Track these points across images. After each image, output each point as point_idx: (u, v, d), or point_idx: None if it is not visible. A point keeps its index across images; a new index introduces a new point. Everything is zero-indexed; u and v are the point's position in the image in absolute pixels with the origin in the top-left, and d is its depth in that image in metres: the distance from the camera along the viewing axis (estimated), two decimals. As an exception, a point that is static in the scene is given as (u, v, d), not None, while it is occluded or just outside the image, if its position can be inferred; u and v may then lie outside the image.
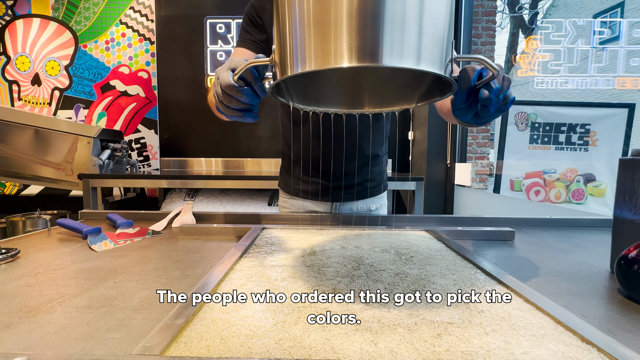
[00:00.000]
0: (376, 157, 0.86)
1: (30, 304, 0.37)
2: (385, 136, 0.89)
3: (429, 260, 0.49)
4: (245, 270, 0.44)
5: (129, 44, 2.41)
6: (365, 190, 0.87)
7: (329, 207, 0.88)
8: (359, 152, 0.82)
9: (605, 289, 0.43)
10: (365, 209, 0.88)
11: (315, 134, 0.80)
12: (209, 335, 0.27)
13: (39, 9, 2.41)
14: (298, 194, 0.89)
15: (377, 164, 0.88)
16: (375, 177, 0.88)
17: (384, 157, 0.90)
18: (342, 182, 0.85)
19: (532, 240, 0.69)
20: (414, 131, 2.42)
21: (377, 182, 0.89)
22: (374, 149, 0.85)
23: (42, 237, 0.69)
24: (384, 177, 0.91)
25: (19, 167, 1.95)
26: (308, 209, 0.89)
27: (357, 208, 0.88)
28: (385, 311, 0.33)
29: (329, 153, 0.80)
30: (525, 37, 5.22)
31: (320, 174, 0.85)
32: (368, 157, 0.85)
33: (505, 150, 2.20)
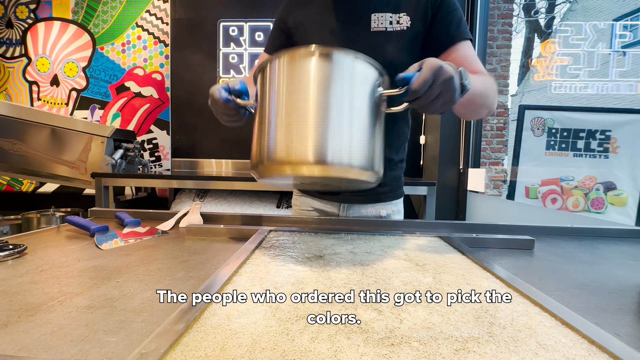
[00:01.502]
0: (389, 161, 0.82)
1: (31, 302, 0.36)
2: (402, 141, 0.84)
3: (443, 268, 0.46)
4: (250, 273, 0.42)
5: (144, 46, 2.45)
6: (376, 195, 0.84)
7: (337, 208, 0.85)
8: None
9: (639, 305, 0.40)
10: (375, 214, 0.84)
11: None
12: (208, 344, 0.26)
13: (60, 12, 2.48)
14: (307, 191, 0.88)
15: (391, 169, 0.83)
16: (389, 182, 0.83)
17: (400, 164, 0.85)
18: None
19: (553, 250, 0.65)
20: (425, 135, 2.38)
21: (390, 188, 0.84)
22: (387, 152, 0.82)
23: (51, 234, 0.69)
24: (399, 183, 0.86)
25: (35, 165, 1.99)
26: (317, 208, 0.88)
27: (367, 212, 0.84)
28: (398, 322, 0.30)
29: None
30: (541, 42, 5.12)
31: None
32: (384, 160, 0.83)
33: (520, 156, 2.14)
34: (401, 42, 0.68)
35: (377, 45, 0.69)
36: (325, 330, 0.28)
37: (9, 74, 2.52)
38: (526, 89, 4.05)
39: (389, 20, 0.68)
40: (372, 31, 0.69)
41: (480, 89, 0.58)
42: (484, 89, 0.60)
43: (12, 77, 2.52)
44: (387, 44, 0.68)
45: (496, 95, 0.66)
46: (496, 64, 2.04)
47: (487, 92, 0.61)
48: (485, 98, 0.62)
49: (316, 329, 0.29)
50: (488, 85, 0.62)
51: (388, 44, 0.68)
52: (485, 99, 0.62)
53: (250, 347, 0.25)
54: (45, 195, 2.55)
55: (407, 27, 0.68)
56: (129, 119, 2.48)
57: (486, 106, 0.64)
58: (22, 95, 2.51)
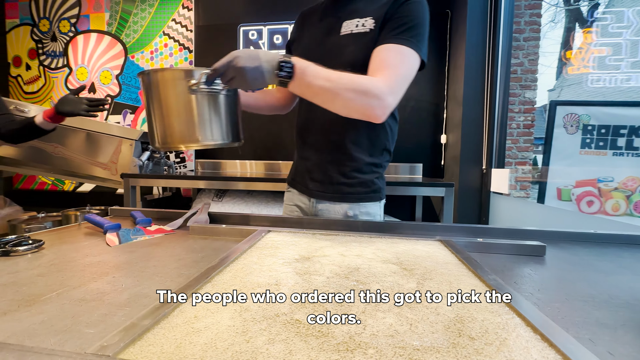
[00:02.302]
0: (358, 161, 0.82)
1: (33, 293, 0.40)
2: (377, 145, 0.83)
3: (431, 274, 0.44)
4: (233, 272, 0.43)
5: (170, 53, 2.58)
6: (341, 194, 0.83)
7: (308, 202, 0.88)
8: (340, 149, 0.81)
9: (647, 322, 0.36)
10: (342, 212, 0.84)
11: (301, 126, 0.88)
12: (167, 341, 0.27)
13: (96, 24, 2.68)
14: (291, 183, 0.94)
15: (360, 170, 0.82)
16: (356, 184, 0.83)
17: (373, 167, 0.84)
18: (320, 177, 0.85)
19: (568, 257, 0.61)
20: (447, 134, 2.29)
21: (357, 189, 0.83)
22: (358, 152, 0.81)
23: (71, 230, 0.75)
24: (371, 186, 0.84)
25: (74, 167, 2.17)
26: (294, 202, 0.92)
27: (334, 209, 0.84)
28: (362, 328, 0.30)
29: (311, 145, 0.86)
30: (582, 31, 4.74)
31: (305, 166, 0.89)
32: (350, 159, 0.82)
33: (551, 156, 1.99)
34: (363, 42, 0.73)
35: (342, 46, 0.76)
36: (285, 333, 0.28)
37: (54, 84, 2.76)
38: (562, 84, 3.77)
39: (356, 24, 0.76)
40: (341, 35, 0.77)
41: (326, 86, 0.64)
42: (332, 87, 0.64)
43: (56, 86, 2.75)
44: (350, 44, 0.75)
45: (363, 98, 0.65)
46: (523, 57, 1.92)
47: (339, 92, 0.64)
48: (334, 96, 0.65)
49: (277, 330, 0.29)
50: (347, 87, 0.64)
51: (351, 45, 0.75)
52: (334, 96, 0.65)
53: (204, 346, 0.26)
54: (84, 194, 2.76)
55: (371, 29, 0.73)
56: (156, 123, 2.62)
57: (339, 105, 0.67)
58: (64, 102, 2.74)
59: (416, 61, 0.70)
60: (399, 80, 0.67)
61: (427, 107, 2.33)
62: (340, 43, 0.76)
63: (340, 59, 0.75)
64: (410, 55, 0.69)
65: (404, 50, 0.68)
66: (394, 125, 0.86)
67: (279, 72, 0.63)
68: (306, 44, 0.84)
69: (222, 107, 0.72)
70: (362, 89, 0.64)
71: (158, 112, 0.71)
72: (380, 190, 0.87)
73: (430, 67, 2.31)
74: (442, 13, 2.22)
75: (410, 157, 2.36)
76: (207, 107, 0.70)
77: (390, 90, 0.66)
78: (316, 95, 0.66)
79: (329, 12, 0.83)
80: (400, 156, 2.37)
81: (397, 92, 0.67)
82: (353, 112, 0.67)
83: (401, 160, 2.36)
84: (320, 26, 0.83)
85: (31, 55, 2.80)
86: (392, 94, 0.66)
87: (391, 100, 0.66)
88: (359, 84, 0.64)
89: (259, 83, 0.64)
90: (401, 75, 0.68)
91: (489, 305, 0.34)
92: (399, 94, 0.68)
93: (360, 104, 0.65)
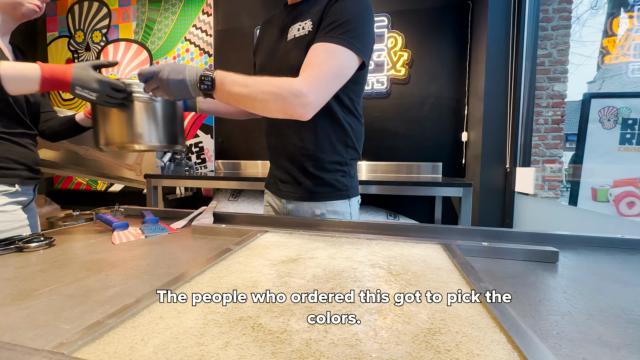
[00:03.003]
0: (320, 161, 0.83)
1: (29, 288, 0.42)
2: (334, 142, 0.83)
3: (418, 279, 0.42)
4: (215, 273, 0.44)
5: (192, 57, 2.68)
6: (308, 193, 0.84)
7: (279, 203, 0.91)
8: (300, 151, 0.83)
9: (659, 342, 0.31)
10: (311, 212, 0.85)
11: (265, 131, 0.92)
12: (125, 341, 0.27)
13: (125, 33, 2.84)
14: (266, 184, 0.98)
15: (322, 169, 0.84)
16: (322, 182, 0.84)
17: (335, 165, 0.84)
18: (287, 178, 0.87)
19: (584, 264, 0.55)
20: (468, 132, 2.19)
21: (322, 189, 0.84)
22: (318, 152, 0.83)
23: (85, 228, 0.80)
24: (334, 184, 0.85)
25: (105, 169, 2.31)
26: (269, 203, 0.96)
27: (303, 209, 0.86)
28: (323, 336, 0.28)
29: (274, 149, 0.90)
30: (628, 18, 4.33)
31: (275, 167, 0.93)
32: (311, 159, 0.83)
33: (585, 153, 1.83)
34: (303, 45, 0.75)
35: (288, 52, 0.80)
36: (243, 337, 0.28)
37: (87, 90, 2.95)
38: (604, 75, 3.46)
39: (298, 28, 0.79)
40: (287, 40, 0.81)
41: (243, 92, 0.68)
42: (249, 92, 0.67)
43: (90, 92, 2.95)
44: (294, 49, 0.78)
45: (279, 98, 0.66)
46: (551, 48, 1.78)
47: (256, 96, 0.67)
48: (253, 100, 0.68)
49: (235, 334, 0.28)
50: (262, 89, 0.67)
51: (294, 49, 0.78)
52: (253, 100, 0.68)
53: (157, 347, 0.26)
54: (114, 193, 2.94)
55: (310, 31, 0.76)
56: (179, 125, 2.73)
57: (259, 107, 0.69)
58: (97, 108, 2.92)
59: (346, 58, 0.70)
60: (321, 78, 0.68)
61: (448, 103, 2.24)
62: (286, 48, 0.80)
63: (288, 63, 0.78)
64: (338, 53, 0.69)
65: (329, 48, 0.69)
66: (355, 122, 0.85)
67: (201, 85, 0.69)
68: (263, 51, 0.88)
69: (158, 114, 0.80)
70: (277, 90, 0.66)
71: (100, 117, 0.80)
72: (347, 188, 0.87)
73: (450, 62, 2.21)
74: (462, 4, 2.12)
75: (430, 156, 2.28)
76: (142, 113, 0.78)
77: (309, 87, 0.66)
78: (238, 101, 0.70)
79: (281, 18, 0.87)
80: (419, 155, 2.30)
81: (318, 89, 0.67)
82: (274, 112, 0.69)
83: (420, 159, 2.29)
84: (273, 32, 0.87)
85: (68, 65, 3.01)
86: (313, 91, 0.66)
87: (312, 97, 0.67)
88: (273, 86, 0.67)
89: (182, 94, 0.70)
90: (323, 72, 0.68)
91: (470, 317, 0.32)
92: (322, 92, 0.68)
93: (278, 103, 0.67)
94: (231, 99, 0.70)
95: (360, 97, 0.86)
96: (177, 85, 0.69)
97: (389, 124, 2.31)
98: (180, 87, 0.69)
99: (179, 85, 0.69)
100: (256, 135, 2.53)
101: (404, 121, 2.31)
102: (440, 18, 2.20)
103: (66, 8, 2.98)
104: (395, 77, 2.29)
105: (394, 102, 2.32)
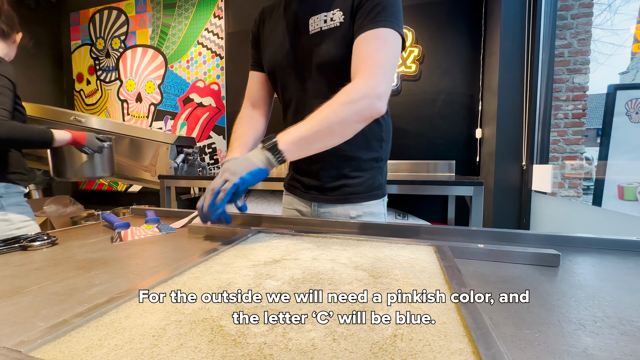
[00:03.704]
0: (356, 160, 0.78)
1: (20, 285, 0.44)
2: (370, 138, 0.78)
3: (398, 283, 0.40)
4: (194, 274, 0.44)
5: (204, 60, 2.74)
6: (343, 196, 0.80)
7: (309, 207, 0.85)
8: (334, 152, 0.74)
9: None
10: (345, 214, 0.80)
11: None
12: (83, 341, 0.27)
13: (141, 39, 2.94)
14: (288, 188, 0.92)
15: (361, 169, 0.79)
16: (358, 183, 0.79)
17: (373, 163, 0.80)
18: (318, 183, 0.81)
19: (589, 269, 0.51)
20: (482, 128, 2.11)
21: (359, 189, 0.80)
22: (353, 151, 0.77)
23: (90, 228, 0.83)
24: (372, 184, 0.80)
25: (124, 170, 2.41)
26: (295, 207, 0.90)
27: (336, 212, 0.81)
28: (279, 339, 0.28)
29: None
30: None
31: (301, 172, 0.86)
32: (346, 160, 0.78)
33: (610, 148, 1.72)
34: (336, 38, 0.69)
35: (314, 46, 0.72)
36: (198, 339, 0.28)
37: (108, 95, 3.09)
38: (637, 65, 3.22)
39: (324, 19, 0.71)
40: (311, 34, 0.73)
41: (315, 129, 0.62)
42: (314, 133, 0.62)
43: (110, 97, 3.08)
44: (323, 43, 0.71)
45: (356, 111, 0.62)
46: (571, 37, 1.67)
47: (330, 124, 0.62)
48: (330, 132, 0.63)
49: (193, 336, 0.28)
50: (335, 113, 0.62)
51: (323, 43, 0.71)
52: (330, 132, 0.63)
53: (111, 348, 0.26)
54: (133, 194, 3.05)
55: (341, 22, 0.69)
56: (193, 127, 2.80)
57: (339, 134, 0.64)
58: (117, 112, 3.05)
59: (396, 41, 0.66)
60: (382, 66, 0.64)
61: (461, 99, 2.17)
62: (311, 42, 0.73)
63: (316, 59, 0.73)
64: (389, 36, 0.65)
65: (380, 33, 0.64)
66: (385, 115, 0.80)
67: (274, 163, 0.63)
68: (274, 46, 0.80)
69: (104, 155, 1.41)
70: (348, 103, 0.62)
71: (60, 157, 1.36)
72: (382, 186, 0.83)
73: (463, 56, 2.14)
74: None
75: (443, 154, 2.22)
76: (93, 156, 1.37)
77: (376, 80, 0.63)
78: (316, 147, 0.64)
79: (292, 7, 0.77)
80: (432, 153, 2.24)
81: (384, 79, 0.64)
82: (356, 126, 0.65)
83: (433, 157, 2.23)
84: (284, 24, 0.78)
85: (90, 72, 3.16)
86: (382, 82, 0.63)
87: (383, 88, 0.63)
88: (341, 103, 0.62)
89: (259, 178, 0.63)
90: (382, 60, 0.64)
91: (440, 325, 0.30)
92: (388, 80, 0.65)
93: (357, 115, 0.63)
94: (308, 150, 0.64)
95: None
96: (255, 178, 0.62)
97: (399, 121, 2.26)
98: (258, 175, 0.62)
99: (258, 176, 0.62)
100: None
101: (415, 119, 2.25)
102: (452, 10, 2.13)
103: (88, 17, 3.12)
104: (406, 74, 2.24)
105: (404, 99, 2.27)
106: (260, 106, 0.90)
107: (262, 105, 0.90)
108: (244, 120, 0.87)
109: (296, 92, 0.79)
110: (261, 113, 0.90)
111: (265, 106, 0.91)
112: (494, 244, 0.59)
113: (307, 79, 0.76)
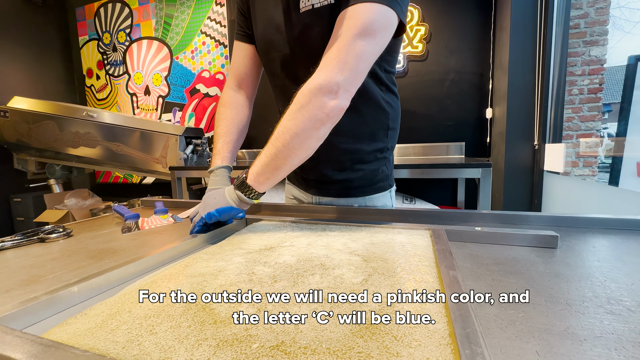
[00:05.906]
0: (358, 152, 0.73)
1: (37, 275, 0.48)
2: (376, 129, 0.73)
3: (387, 268, 0.41)
4: (187, 261, 0.46)
5: (208, 50, 2.73)
6: (345, 189, 0.77)
7: (311, 199, 0.83)
8: (334, 145, 0.69)
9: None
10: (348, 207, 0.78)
11: None
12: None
13: (146, 31, 2.95)
14: (290, 178, 0.90)
15: (363, 161, 0.74)
16: (361, 177, 0.75)
17: (376, 154, 0.75)
18: (319, 176, 0.77)
19: (589, 250, 0.51)
20: (493, 108, 2.05)
21: (362, 182, 0.76)
22: (355, 143, 0.72)
23: (104, 219, 0.87)
24: (375, 176, 0.76)
25: (136, 163, 2.48)
26: (295, 196, 0.88)
27: (339, 205, 0.78)
28: (251, 330, 0.29)
29: None
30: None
31: (302, 165, 0.78)
32: (347, 152, 0.73)
33: (629, 124, 1.63)
34: (330, 17, 0.60)
35: (307, 25, 0.63)
36: (168, 322, 0.29)
37: (117, 89, 3.14)
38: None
39: None
40: (302, 12, 0.63)
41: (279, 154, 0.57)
42: (274, 157, 0.57)
43: (120, 91, 3.14)
44: (315, 22, 0.62)
45: (310, 116, 0.54)
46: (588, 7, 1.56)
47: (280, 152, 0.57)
48: (290, 149, 0.56)
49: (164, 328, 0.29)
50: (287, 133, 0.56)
51: (316, 22, 0.62)
52: (291, 149, 0.56)
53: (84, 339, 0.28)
54: (147, 185, 3.15)
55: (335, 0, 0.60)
56: (200, 118, 2.83)
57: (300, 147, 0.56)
58: (126, 106, 3.11)
59: (381, 15, 0.53)
60: (339, 54, 0.53)
61: (470, 78, 2.10)
62: (302, 23, 0.64)
63: (308, 45, 0.64)
64: (368, 12, 0.53)
65: (358, 10, 0.53)
66: (393, 99, 0.73)
67: (247, 200, 0.61)
68: (263, 21, 0.70)
69: None
70: (303, 105, 0.54)
71: None
72: (387, 177, 0.79)
73: (472, 33, 2.05)
74: (485, -33, 1.93)
75: (452, 136, 2.17)
76: None
77: (324, 76, 0.53)
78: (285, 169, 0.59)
79: None
80: (441, 135, 2.19)
81: (334, 68, 0.53)
82: (319, 133, 0.56)
83: (442, 139, 2.19)
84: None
85: (99, 66, 3.21)
86: (329, 77, 0.53)
87: (332, 82, 0.53)
88: (291, 114, 0.55)
89: (229, 216, 0.62)
90: (347, 40, 0.53)
91: (419, 309, 0.31)
92: (340, 68, 0.53)
93: (311, 123, 0.54)
94: (277, 175, 0.60)
95: (395, 69, 0.74)
96: (227, 213, 0.61)
97: (407, 104, 2.22)
98: (231, 212, 0.61)
99: (230, 212, 0.61)
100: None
101: (424, 100, 2.20)
102: (461, -15, 2.03)
103: (93, 11, 3.15)
104: (412, 54, 2.17)
105: (411, 80, 2.21)
106: (247, 85, 0.81)
107: (248, 83, 0.81)
108: (228, 110, 0.79)
109: (285, 78, 0.71)
110: (246, 95, 0.81)
111: (251, 85, 0.82)
112: (494, 227, 0.59)
113: (297, 63, 0.68)
